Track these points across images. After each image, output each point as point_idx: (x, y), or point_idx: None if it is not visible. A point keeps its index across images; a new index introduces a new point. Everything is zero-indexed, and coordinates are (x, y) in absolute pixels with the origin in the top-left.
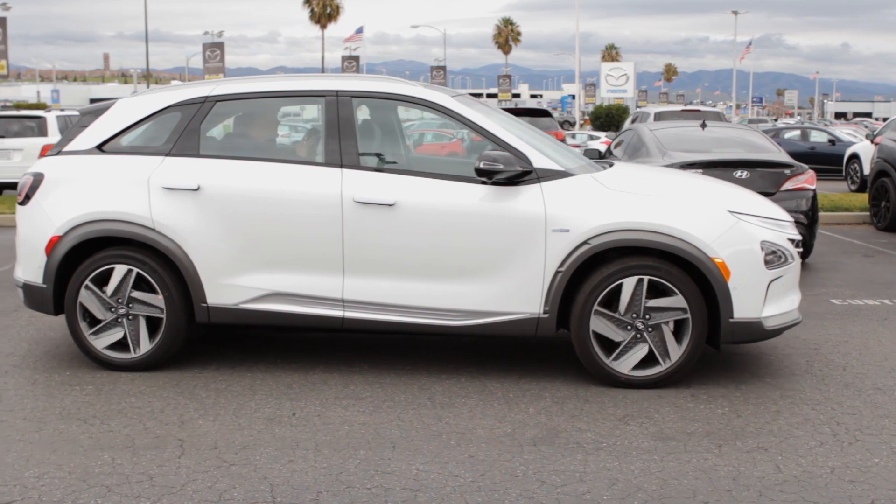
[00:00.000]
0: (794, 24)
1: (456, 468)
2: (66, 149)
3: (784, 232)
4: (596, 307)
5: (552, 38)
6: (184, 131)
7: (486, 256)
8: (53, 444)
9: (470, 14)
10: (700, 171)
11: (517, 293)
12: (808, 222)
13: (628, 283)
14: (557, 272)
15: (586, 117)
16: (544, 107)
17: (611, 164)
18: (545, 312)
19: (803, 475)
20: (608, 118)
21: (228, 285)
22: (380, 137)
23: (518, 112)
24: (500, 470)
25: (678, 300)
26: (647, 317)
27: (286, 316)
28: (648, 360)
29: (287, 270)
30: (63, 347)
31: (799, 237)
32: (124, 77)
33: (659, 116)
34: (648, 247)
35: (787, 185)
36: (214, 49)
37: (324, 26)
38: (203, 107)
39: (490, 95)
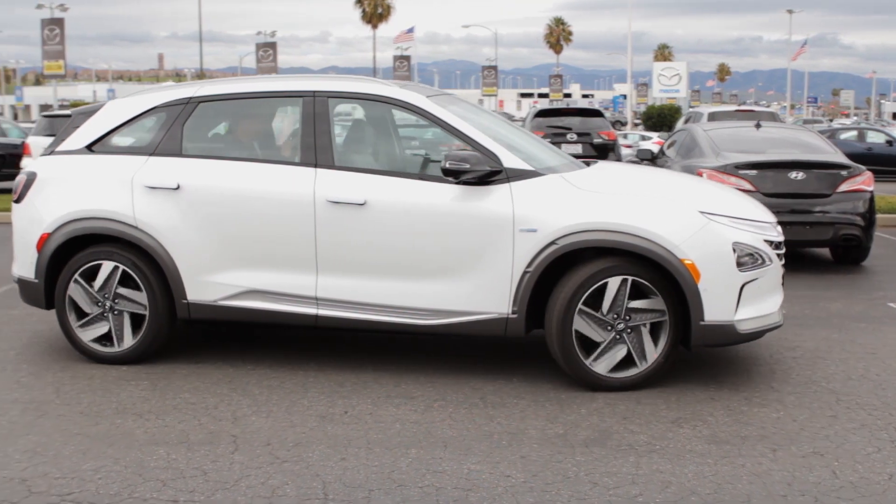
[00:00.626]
0: (850, 23)
1: (507, 468)
2: (59, 149)
3: (762, 233)
4: (581, 306)
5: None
6: (168, 131)
7: (454, 256)
8: (110, 438)
9: (521, 14)
10: (754, 171)
11: (486, 293)
12: (864, 224)
13: (613, 283)
14: (525, 272)
15: (638, 117)
16: (596, 106)
17: (594, 163)
18: (514, 313)
19: (860, 481)
20: (660, 118)
21: (207, 282)
22: (357, 137)
23: (569, 112)
24: (551, 471)
25: (658, 302)
26: (628, 318)
27: (262, 313)
28: (625, 362)
29: (263, 268)
30: None
31: (780, 238)
32: (178, 76)
33: (713, 117)
34: (616, 248)
35: (844, 187)
36: (267, 49)
37: (375, 26)
38: (187, 107)
39: (542, 95)
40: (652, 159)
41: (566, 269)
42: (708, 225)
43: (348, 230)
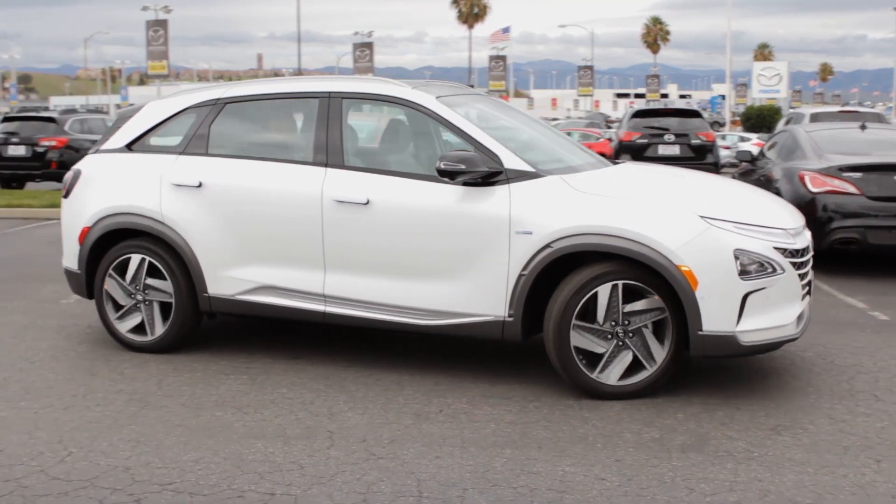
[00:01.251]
0: None
1: (602, 471)
2: (102, 147)
3: (772, 240)
4: (574, 321)
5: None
6: (196, 131)
7: (454, 257)
8: (210, 430)
9: (617, 13)
10: (859, 174)
11: (483, 295)
12: None
13: (603, 291)
14: (521, 275)
15: (736, 118)
16: (693, 107)
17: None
18: (510, 316)
19: None
20: (759, 119)
21: (226, 277)
22: (371, 138)
23: (667, 112)
24: (647, 475)
25: (655, 301)
26: (627, 322)
27: (275, 308)
28: (634, 367)
29: (276, 265)
30: (220, 338)
31: (798, 245)
32: (276, 76)
33: (815, 118)
34: (611, 252)
35: None
36: (364, 49)
37: (471, 26)
38: (214, 108)
39: (638, 96)
40: (751, 161)
41: (566, 273)
42: (708, 230)
43: (353, 229)
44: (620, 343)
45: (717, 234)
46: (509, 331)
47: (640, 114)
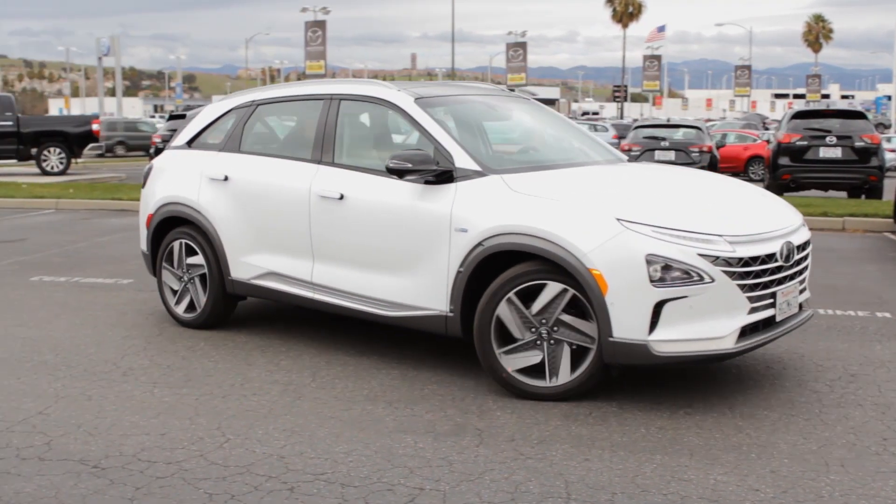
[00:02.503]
0: None
1: (756, 482)
2: (171, 144)
3: (698, 247)
4: (511, 295)
5: (866, 35)
6: (234, 130)
7: (409, 251)
8: (361, 424)
9: (777, 11)
10: None
11: (431, 290)
12: None
13: (551, 288)
14: (458, 272)
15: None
16: (857, 108)
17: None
18: (451, 311)
19: None
20: None
21: (243, 262)
22: (357, 136)
23: (829, 114)
24: (803, 488)
25: (593, 328)
26: (555, 328)
27: (279, 293)
28: (536, 370)
29: (278, 253)
30: (372, 333)
31: (739, 254)
32: (430, 76)
33: None
34: (531, 252)
35: None
36: (517, 49)
37: (625, 25)
38: (249, 109)
39: (797, 96)
40: None
41: (501, 271)
42: (622, 234)
43: (330, 222)
44: (538, 342)
45: (630, 238)
46: (451, 326)
47: (800, 115)
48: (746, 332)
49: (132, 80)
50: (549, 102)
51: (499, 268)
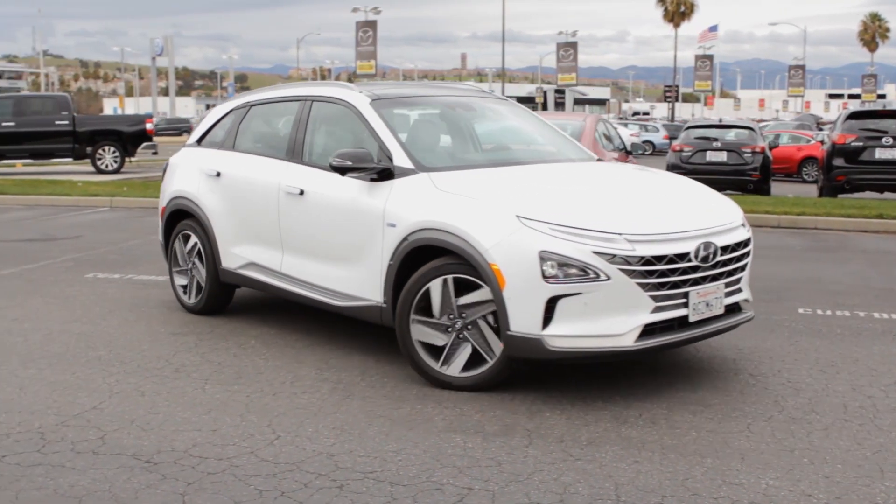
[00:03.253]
0: None
1: (809, 487)
2: (186, 143)
3: (591, 244)
4: (413, 316)
5: None
6: (230, 129)
7: (353, 244)
8: (410, 423)
9: (831, 10)
10: None
11: (369, 281)
12: None
13: (435, 286)
14: (390, 264)
15: None
16: None
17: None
18: (384, 302)
19: None
20: None
21: (230, 253)
22: (321, 135)
23: (886, 114)
24: (857, 495)
25: (486, 292)
26: (463, 315)
27: (258, 282)
28: (476, 360)
29: (258, 245)
30: None
31: (641, 253)
32: (479, 76)
33: None
34: (443, 247)
35: None
36: (568, 49)
37: (676, 25)
38: (244, 109)
39: (852, 96)
40: None
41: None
42: (519, 230)
43: (295, 215)
44: (460, 336)
45: (526, 235)
46: (385, 316)
47: (855, 115)
48: (655, 331)
49: (185, 80)
50: (600, 102)
51: (427, 261)
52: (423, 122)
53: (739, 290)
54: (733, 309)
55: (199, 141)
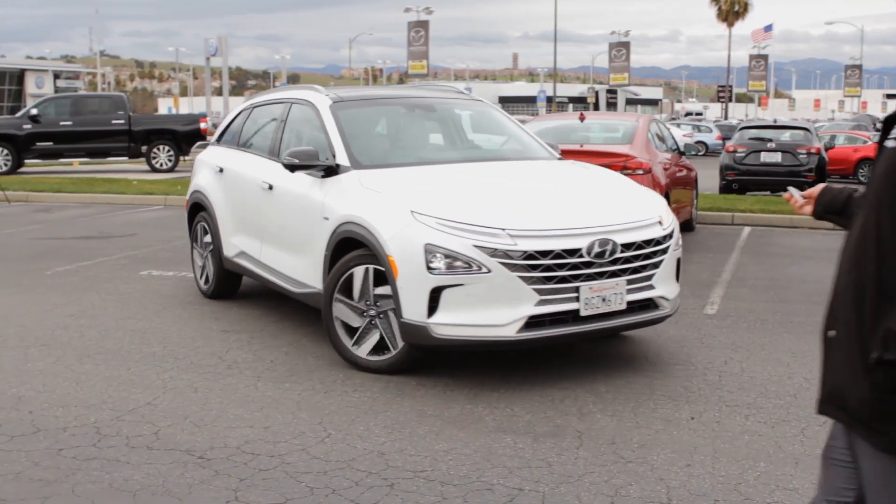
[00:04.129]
0: None
1: None
2: (210, 141)
3: (473, 238)
4: (336, 294)
5: None
6: (237, 129)
7: (304, 235)
8: (461, 422)
9: (889, 8)
10: None
11: (313, 270)
12: None
13: (358, 272)
14: (325, 255)
15: None
16: None
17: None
18: (322, 289)
19: None
20: None
21: (228, 242)
22: (294, 135)
23: None
24: None
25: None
26: (378, 304)
27: (247, 270)
28: (382, 346)
29: (246, 235)
30: None
31: (521, 248)
32: (531, 76)
33: None
34: (359, 239)
35: None
36: (620, 48)
37: (731, 24)
38: (249, 111)
39: None
40: None
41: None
42: (411, 224)
43: (267, 208)
44: (372, 322)
45: (416, 228)
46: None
47: None
48: (545, 323)
49: (238, 80)
50: (652, 103)
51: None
52: (374, 122)
53: (651, 287)
54: (647, 305)
55: (219, 139)
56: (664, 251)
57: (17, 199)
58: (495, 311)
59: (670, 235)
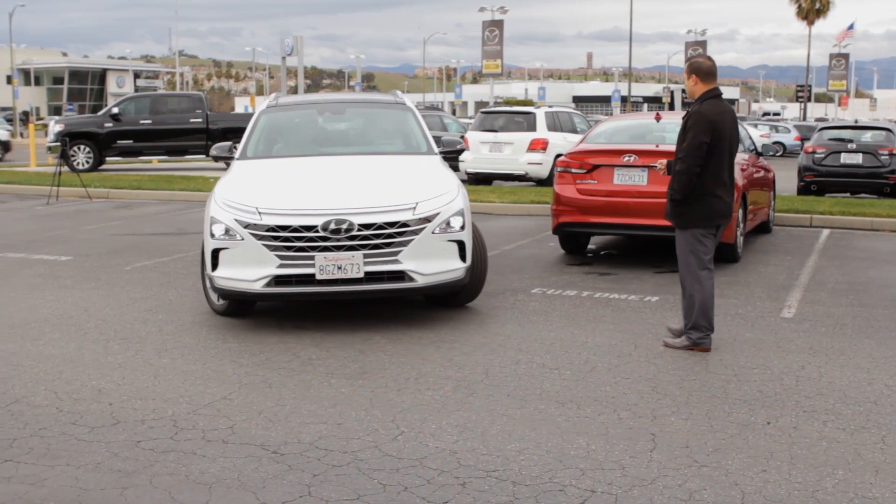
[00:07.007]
0: None
1: None
2: None
3: (234, 213)
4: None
5: None
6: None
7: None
8: (533, 423)
9: None
10: None
11: None
12: None
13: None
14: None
15: None
16: None
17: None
18: None
19: None
20: None
21: None
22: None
23: None
24: None
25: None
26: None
27: None
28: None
29: None
30: (545, 331)
31: (266, 222)
32: (605, 75)
33: None
34: None
35: None
36: (696, 47)
37: (811, 22)
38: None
39: None
40: None
41: None
42: (210, 203)
43: None
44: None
45: (211, 205)
46: None
47: None
48: (291, 282)
49: (313, 79)
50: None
51: None
52: (287, 123)
53: (397, 262)
54: (399, 277)
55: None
56: (414, 232)
57: (98, 195)
58: (248, 270)
59: (427, 220)
